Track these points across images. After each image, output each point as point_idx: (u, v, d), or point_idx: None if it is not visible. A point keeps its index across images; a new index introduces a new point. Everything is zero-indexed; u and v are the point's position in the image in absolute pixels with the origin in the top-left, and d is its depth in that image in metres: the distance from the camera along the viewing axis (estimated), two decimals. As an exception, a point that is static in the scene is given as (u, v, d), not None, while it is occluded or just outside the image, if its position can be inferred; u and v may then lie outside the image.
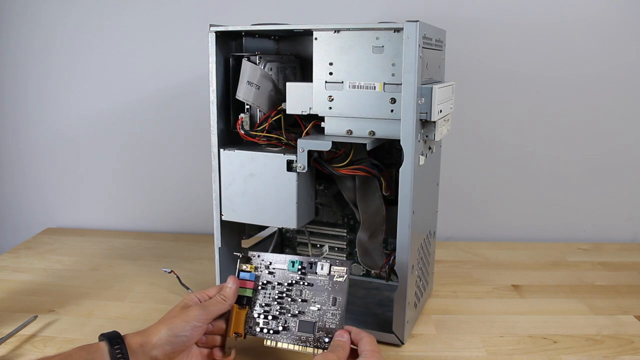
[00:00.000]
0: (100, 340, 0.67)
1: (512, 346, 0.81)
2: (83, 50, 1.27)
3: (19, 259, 1.15)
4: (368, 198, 0.86)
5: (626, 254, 1.19)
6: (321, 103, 0.79)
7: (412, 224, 0.76)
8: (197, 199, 1.28)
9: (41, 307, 0.92)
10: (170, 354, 0.66)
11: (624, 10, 1.18)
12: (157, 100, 1.27)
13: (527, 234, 1.28)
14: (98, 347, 0.64)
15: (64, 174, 1.34)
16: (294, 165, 0.80)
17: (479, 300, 0.96)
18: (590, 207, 1.27)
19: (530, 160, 1.25)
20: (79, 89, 1.29)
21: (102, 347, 0.64)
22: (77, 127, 1.31)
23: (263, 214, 0.84)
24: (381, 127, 0.77)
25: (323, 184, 0.99)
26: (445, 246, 1.21)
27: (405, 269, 0.77)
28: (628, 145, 1.24)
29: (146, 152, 1.31)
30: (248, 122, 0.85)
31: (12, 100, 1.32)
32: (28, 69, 1.29)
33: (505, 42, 1.19)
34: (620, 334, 0.84)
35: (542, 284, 1.03)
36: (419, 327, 0.87)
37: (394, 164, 0.87)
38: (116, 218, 1.35)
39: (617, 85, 1.21)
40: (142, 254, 1.17)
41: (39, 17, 1.26)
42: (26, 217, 1.37)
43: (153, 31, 1.24)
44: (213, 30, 0.82)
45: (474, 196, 1.27)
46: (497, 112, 1.23)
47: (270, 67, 0.85)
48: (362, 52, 0.76)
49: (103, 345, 0.65)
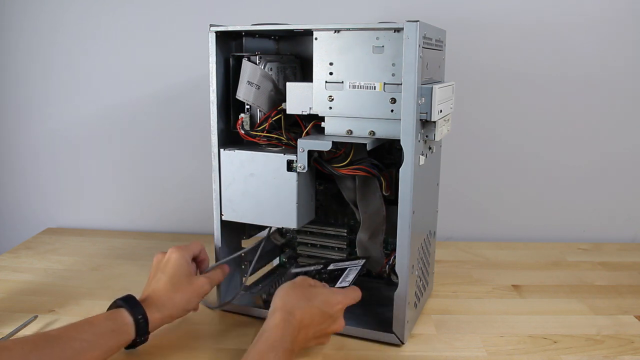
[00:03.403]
0: (118, 305, 0.73)
1: (512, 346, 0.81)
2: (83, 50, 1.27)
3: (19, 259, 1.15)
4: (368, 198, 0.86)
5: (626, 254, 1.19)
6: (321, 103, 0.79)
7: (412, 224, 0.76)
8: (197, 199, 1.28)
9: (41, 307, 0.92)
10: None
11: (624, 10, 1.17)
12: (157, 100, 1.27)
13: (527, 234, 1.28)
14: (124, 320, 0.71)
15: (64, 174, 1.34)
16: (294, 165, 0.80)
17: (479, 300, 0.96)
18: (590, 207, 1.27)
19: (531, 160, 1.25)
20: (79, 89, 1.29)
21: (127, 319, 0.71)
22: (77, 127, 1.31)
23: (263, 214, 0.84)
24: (381, 127, 0.77)
25: (323, 184, 0.99)
26: (445, 246, 1.21)
27: (405, 269, 0.77)
28: (628, 146, 1.24)
29: (146, 152, 1.31)
30: (248, 122, 0.85)
31: (12, 101, 1.32)
32: (28, 69, 1.29)
33: (506, 42, 1.19)
34: (620, 334, 0.84)
35: (542, 284, 1.03)
36: (419, 327, 0.87)
37: (394, 164, 0.87)
38: (116, 218, 1.35)
39: (617, 85, 1.21)
40: (142, 254, 1.17)
41: (39, 17, 1.26)
42: (26, 217, 1.37)
43: (153, 31, 1.24)
44: (213, 30, 0.82)
45: (474, 196, 1.27)
46: (497, 112, 1.23)
47: (270, 67, 0.85)
48: (362, 52, 0.76)
49: (128, 317, 0.71)
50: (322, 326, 0.74)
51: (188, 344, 0.82)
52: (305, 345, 0.74)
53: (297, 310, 0.71)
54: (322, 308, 0.73)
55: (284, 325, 0.69)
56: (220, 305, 0.90)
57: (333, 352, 0.79)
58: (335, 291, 0.77)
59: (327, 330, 0.75)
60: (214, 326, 0.87)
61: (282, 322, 0.69)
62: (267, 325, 0.70)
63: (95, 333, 0.68)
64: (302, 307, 0.72)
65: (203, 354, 0.79)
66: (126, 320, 0.71)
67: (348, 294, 0.77)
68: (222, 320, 0.89)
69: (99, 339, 0.67)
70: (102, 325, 0.69)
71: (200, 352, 0.80)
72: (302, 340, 0.72)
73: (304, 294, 0.74)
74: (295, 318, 0.70)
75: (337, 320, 0.76)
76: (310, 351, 0.79)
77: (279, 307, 0.72)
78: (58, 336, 0.65)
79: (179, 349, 0.80)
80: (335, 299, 0.75)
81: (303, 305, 0.72)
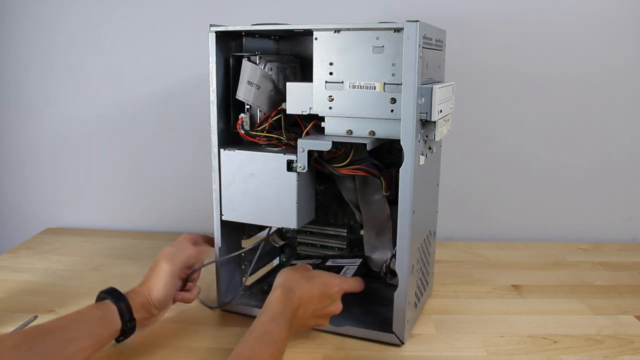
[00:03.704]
0: (102, 297, 0.76)
1: (512, 346, 0.81)
2: (83, 50, 1.27)
3: (19, 259, 1.15)
4: (369, 198, 0.86)
5: (626, 254, 1.19)
6: (321, 103, 0.79)
7: (412, 224, 0.76)
8: (197, 199, 1.28)
9: (41, 307, 0.92)
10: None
11: (624, 10, 1.17)
12: (157, 100, 1.27)
13: (527, 234, 1.28)
14: (109, 308, 0.74)
15: (64, 174, 1.34)
16: (294, 165, 0.80)
17: (479, 300, 0.96)
18: (590, 207, 1.27)
19: (531, 160, 1.25)
20: (79, 89, 1.29)
21: (111, 307, 0.74)
22: (77, 127, 1.31)
23: (263, 214, 0.84)
24: (381, 127, 0.77)
25: (323, 184, 0.99)
26: (445, 246, 1.21)
27: (405, 269, 0.77)
28: (628, 145, 1.24)
29: (146, 152, 1.31)
30: (248, 122, 0.85)
31: (13, 101, 1.32)
32: (28, 69, 1.29)
33: (506, 42, 1.19)
34: (620, 334, 0.84)
35: (542, 284, 1.03)
36: (419, 327, 0.87)
37: (394, 164, 0.87)
38: (116, 218, 1.35)
39: (617, 85, 1.21)
40: (142, 254, 1.17)
41: (39, 17, 1.26)
42: (26, 217, 1.37)
43: (153, 31, 1.24)
44: (213, 30, 0.82)
45: (474, 196, 1.27)
46: (497, 112, 1.23)
47: (270, 67, 0.85)
48: (362, 52, 0.76)
49: (112, 305, 0.74)
50: (321, 305, 0.78)
51: (188, 343, 0.82)
52: (305, 323, 0.77)
53: (296, 287, 0.76)
54: (321, 288, 0.78)
55: (285, 299, 0.73)
56: (220, 305, 0.90)
57: (333, 352, 0.79)
58: (334, 275, 0.82)
59: (325, 311, 0.79)
60: (214, 326, 0.87)
61: (282, 296, 0.74)
62: (268, 301, 0.74)
63: (84, 322, 0.70)
64: (302, 285, 0.77)
65: (202, 354, 0.79)
66: (111, 309, 0.74)
67: (347, 280, 0.83)
68: (222, 320, 0.89)
69: (88, 327, 0.70)
70: (90, 314, 0.72)
71: (200, 352, 0.80)
72: (302, 317, 0.76)
73: (304, 275, 0.79)
74: (295, 294, 0.75)
75: (335, 302, 0.80)
76: (310, 351, 0.79)
77: (280, 284, 0.76)
78: (50, 328, 0.67)
79: (178, 348, 0.80)
80: (334, 281, 0.80)
81: (303, 284, 0.77)
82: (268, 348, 0.66)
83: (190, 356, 0.79)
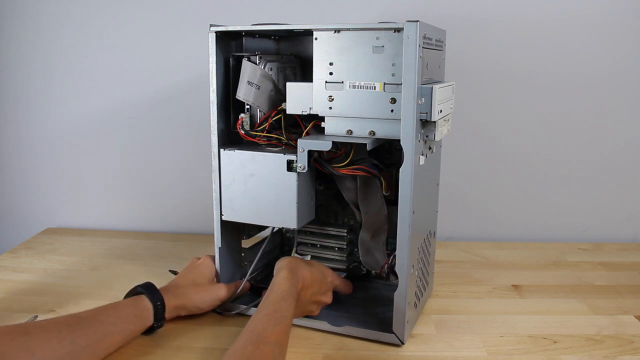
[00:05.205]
0: (138, 291, 0.80)
1: (512, 346, 0.81)
2: (83, 50, 1.27)
3: (19, 259, 1.15)
4: (369, 198, 0.86)
5: (626, 254, 1.19)
6: (321, 103, 0.79)
7: (412, 224, 0.76)
8: (197, 199, 1.28)
9: (41, 307, 0.92)
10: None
11: (625, 10, 1.17)
12: (157, 100, 1.27)
13: (527, 234, 1.28)
14: (145, 306, 0.78)
15: (64, 174, 1.34)
16: (294, 165, 0.80)
17: (479, 300, 0.96)
18: (590, 207, 1.27)
19: (531, 160, 1.25)
20: (79, 89, 1.29)
21: (147, 305, 0.78)
22: (77, 127, 1.31)
23: (263, 214, 0.84)
24: (381, 127, 0.77)
25: (323, 184, 0.99)
26: (445, 246, 1.21)
27: (405, 269, 0.77)
28: (628, 145, 1.24)
29: (146, 152, 1.31)
30: (248, 122, 0.85)
31: (13, 100, 1.32)
32: (28, 69, 1.29)
33: (506, 42, 1.19)
34: (620, 334, 0.84)
35: (542, 284, 1.03)
36: (419, 327, 0.87)
37: (394, 164, 0.87)
38: (116, 218, 1.35)
39: (618, 85, 1.21)
40: (142, 254, 1.17)
41: (39, 17, 1.26)
42: (26, 217, 1.37)
43: (153, 31, 1.24)
44: (213, 30, 0.82)
45: (474, 196, 1.27)
46: (497, 112, 1.23)
47: (270, 67, 0.85)
48: (362, 52, 0.76)
49: (148, 303, 0.78)
50: (319, 290, 0.82)
51: (188, 343, 0.82)
52: (304, 307, 0.82)
53: (299, 269, 0.80)
54: (319, 275, 0.83)
55: (291, 277, 0.77)
56: (223, 310, 0.90)
57: (333, 352, 0.79)
58: (328, 268, 0.88)
59: (320, 298, 0.83)
60: (214, 326, 0.87)
61: (289, 274, 0.78)
62: (275, 281, 0.77)
63: (120, 317, 0.74)
64: (304, 268, 0.81)
65: (202, 354, 0.79)
66: (147, 306, 0.78)
67: (339, 276, 0.89)
68: (222, 320, 0.89)
69: (122, 322, 0.74)
70: (126, 311, 0.76)
71: (200, 352, 0.80)
72: (303, 299, 0.79)
73: (303, 261, 0.84)
74: (298, 276, 0.79)
75: (328, 292, 0.85)
76: (310, 351, 0.79)
77: (284, 266, 0.80)
78: (87, 318, 0.71)
79: (178, 348, 0.80)
80: (329, 272, 0.87)
81: (305, 267, 0.82)
82: (278, 324, 0.69)
83: (190, 356, 0.79)
